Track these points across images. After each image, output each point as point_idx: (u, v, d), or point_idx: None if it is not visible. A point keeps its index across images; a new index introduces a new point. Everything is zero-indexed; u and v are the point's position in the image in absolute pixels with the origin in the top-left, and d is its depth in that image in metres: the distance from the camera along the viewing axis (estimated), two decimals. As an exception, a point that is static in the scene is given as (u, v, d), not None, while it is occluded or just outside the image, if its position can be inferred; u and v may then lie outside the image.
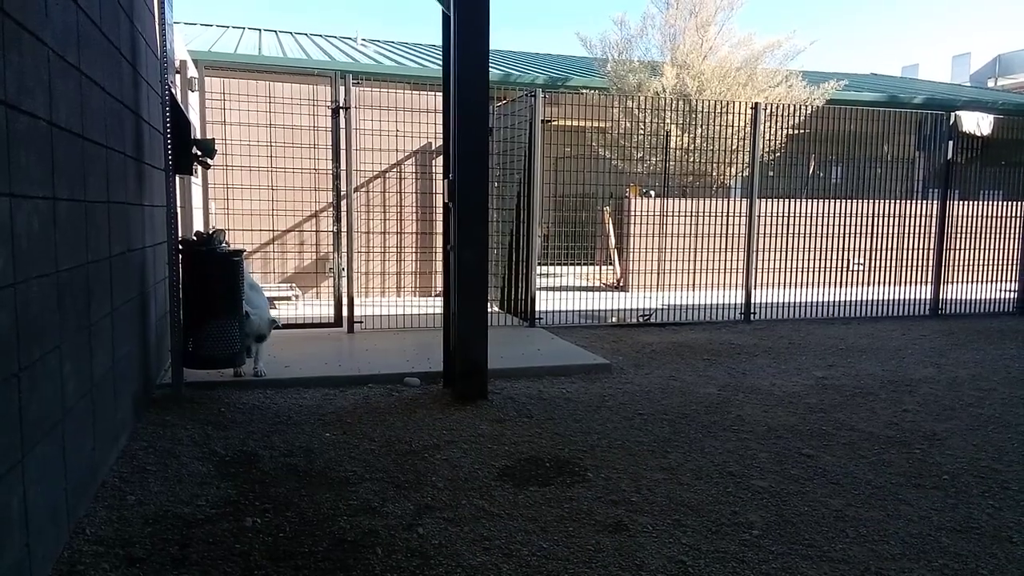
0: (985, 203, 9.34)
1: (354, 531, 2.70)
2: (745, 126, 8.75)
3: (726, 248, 8.85)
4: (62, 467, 2.46)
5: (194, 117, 6.65)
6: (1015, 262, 9.16)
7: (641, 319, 7.77)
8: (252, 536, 2.62)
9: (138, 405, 3.85)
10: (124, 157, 3.61)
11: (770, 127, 9.80)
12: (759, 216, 8.09)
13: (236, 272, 4.50)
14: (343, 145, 6.67)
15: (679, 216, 9.07)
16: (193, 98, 6.80)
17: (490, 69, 4.52)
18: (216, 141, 5.16)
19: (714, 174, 10.97)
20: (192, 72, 6.77)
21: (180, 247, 4.35)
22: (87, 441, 2.80)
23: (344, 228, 6.74)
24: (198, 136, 6.65)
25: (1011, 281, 9.20)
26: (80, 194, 2.78)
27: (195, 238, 4.66)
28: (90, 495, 2.82)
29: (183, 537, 2.59)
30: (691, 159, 10.80)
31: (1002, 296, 8.99)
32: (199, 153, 4.62)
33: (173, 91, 4.52)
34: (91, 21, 2.99)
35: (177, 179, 4.56)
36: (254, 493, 3.01)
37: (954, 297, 8.80)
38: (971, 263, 9.23)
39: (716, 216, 8.93)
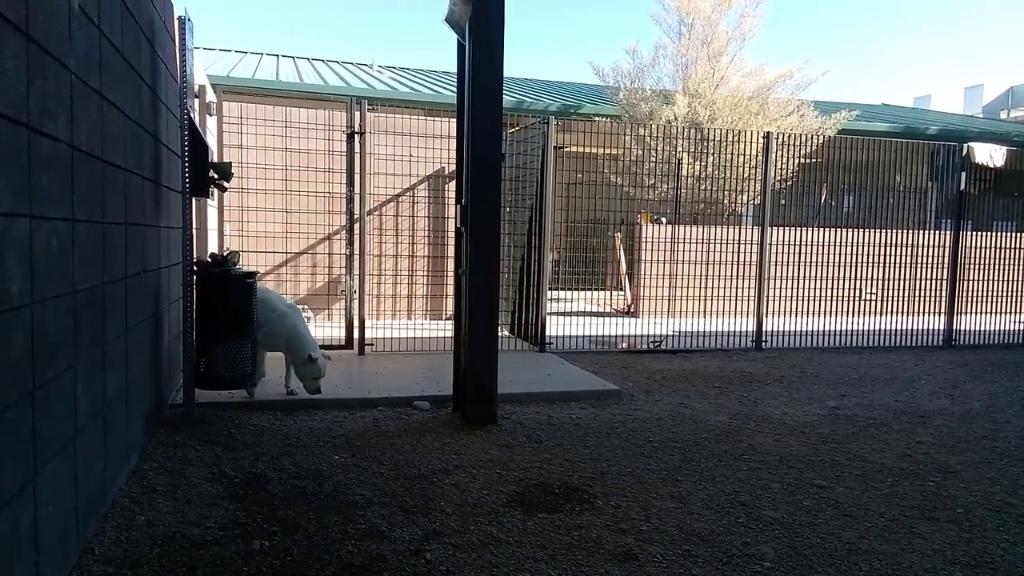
0: (998, 234, 9.29)
1: (361, 556, 2.68)
2: (756, 155, 8.78)
3: (737, 276, 8.84)
4: (73, 487, 2.47)
5: (211, 141, 6.74)
6: (1030, 293, 9.10)
7: (651, 345, 7.74)
8: (260, 559, 2.61)
9: (149, 425, 3.86)
10: (142, 179, 3.67)
11: (781, 156, 9.82)
12: (770, 244, 8.08)
13: (249, 294, 4.53)
14: (357, 169, 6.73)
15: (690, 243, 9.07)
16: (211, 122, 6.90)
17: (503, 96, 4.57)
18: (233, 164, 5.22)
19: (725, 202, 10.99)
20: (211, 96, 6.88)
21: (195, 268, 4.39)
22: (98, 461, 2.81)
23: (357, 251, 6.79)
24: (215, 159, 6.74)
25: (1026, 312, 9.13)
26: (98, 215, 2.82)
27: (209, 260, 4.70)
28: (100, 515, 2.82)
29: (191, 559, 2.59)
30: (702, 187, 10.83)
31: (1016, 328, 8.91)
32: (216, 176, 4.67)
33: (192, 115, 4.59)
34: (113, 47, 3.05)
35: (193, 201, 4.62)
36: (263, 515, 3.00)
37: (967, 328, 8.73)
38: (984, 294, 9.16)
39: (727, 244, 8.93)
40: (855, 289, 9.45)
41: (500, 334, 4.77)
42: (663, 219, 10.51)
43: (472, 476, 3.59)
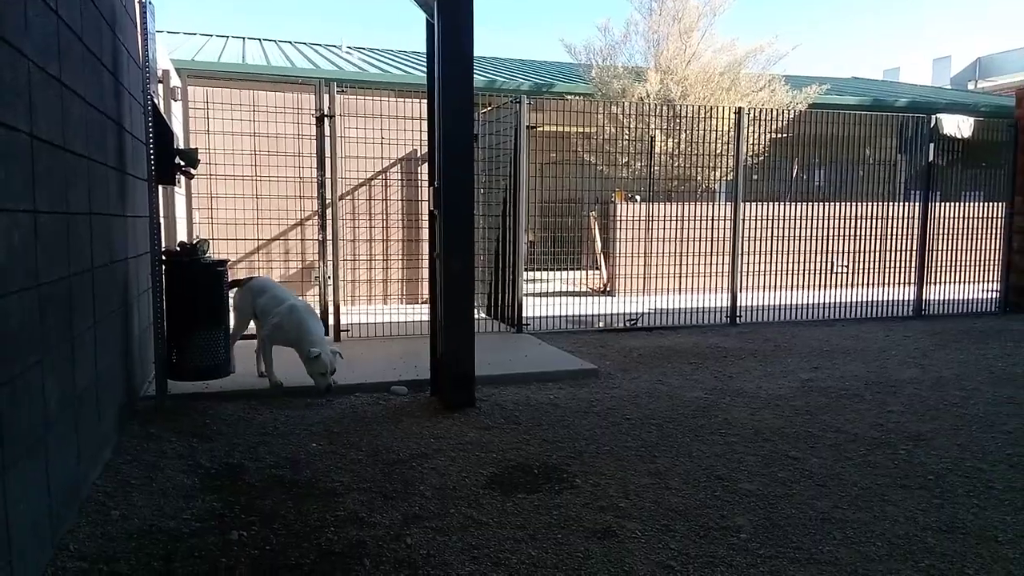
0: (966, 204, 9.43)
1: (341, 542, 2.68)
2: (729, 130, 8.81)
3: (711, 252, 8.89)
4: (45, 483, 2.44)
5: (177, 127, 6.61)
6: (996, 262, 9.25)
7: (628, 324, 7.78)
8: (238, 550, 2.60)
9: (122, 418, 3.81)
10: (106, 168, 3.59)
11: (753, 131, 9.86)
12: (744, 219, 8.13)
13: (220, 282, 4.48)
14: (328, 153, 6.65)
15: (664, 220, 9.10)
16: (176, 107, 6.77)
17: (475, 75, 4.53)
18: (199, 150, 5.13)
19: (699, 178, 11.03)
20: (175, 81, 6.74)
21: (163, 258, 4.33)
22: (70, 455, 2.77)
23: (329, 236, 6.72)
24: (181, 146, 6.62)
25: (993, 281, 9.30)
26: (61, 206, 2.75)
27: (178, 248, 4.63)
28: (73, 510, 2.79)
29: (168, 552, 2.56)
30: (676, 164, 10.85)
31: (984, 296, 9.09)
32: (182, 163, 4.59)
33: (156, 101, 4.49)
34: (72, 32, 2.97)
35: (160, 189, 4.54)
36: (240, 506, 2.98)
37: (937, 298, 8.88)
38: (953, 264, 9.32)
39: (701, 220, 8.96)
40: (827, 262, 9.55)
41: (477, 316, 4.76)
42: (637, 197, 10.52)
43: (451, 459, 3.60)
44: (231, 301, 4.86)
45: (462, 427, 4.13)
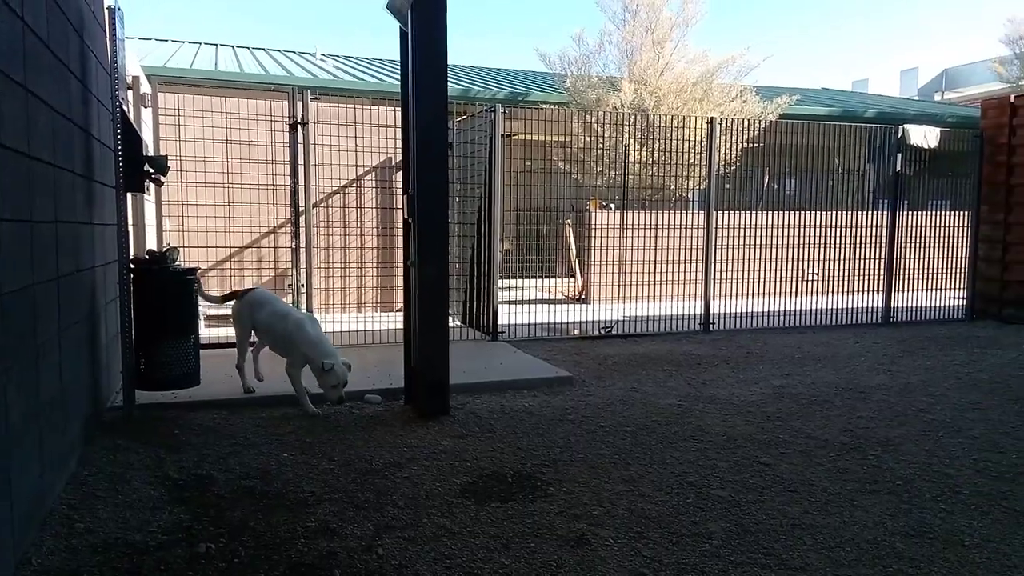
0: (933, 213, 9.61)
1: (312, 554, 2.65)
2: (701, 140, 8.90)
3: (685, 260, 8.96)
4: (7, 495, 2.38)
5: (147, 134, 6.53)
6: (963, 270, 9.43)
7: (603, 331, 7.81)
8: (206, 563, 2.56)
9: (88, 429, 3.74)
10: (73, 176, 3.53)
11: (725, 141, 9.97)
12: (716, 228, 8.22)
13: (190, 291, 4.42)
14: (301, 160, 6.61)
15: (639, 228, 9.16)
16: (146, 114, 6.69)
17: (449, 84, 4.54)
18: (170, 158, 5.08)
19: (672, 187, 11.12)
20: (145, 88, 6.66)
21: (131, 266, 4.26)
22: (34, 467, 2.71)
23: (303, 244, 6.67)
24: (151, 153, 6.53)
25: (959, 289, 9.47)
26: (26, 214, 2.70)
27: (147, 256, 4.56)
28: (37, 524, 2.73)
29: (133, 565, 2.52)
30: (650, 173, 10.94)
31: (951, 303, 9.25)
32: (151, 170, 4.54)
33: (124, 108, 4.44)
34: (38, 38, 2.92)
35: (129, 197, 4.47)
36: (208, 518, 2.94)
37: (905, 305, 9.03)
38: (921, 271, 9.48)
39: (675, 228, 9.04)
40: (799, 270, 9.68)
41: (452, 324, 4.76)
42: (612, 205, 10.59)
43: (425, 468, 3.58)
44: (230, 313, 4.77)
45: (436, 436, 4.11)
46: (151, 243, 6.53)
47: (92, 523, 2.83)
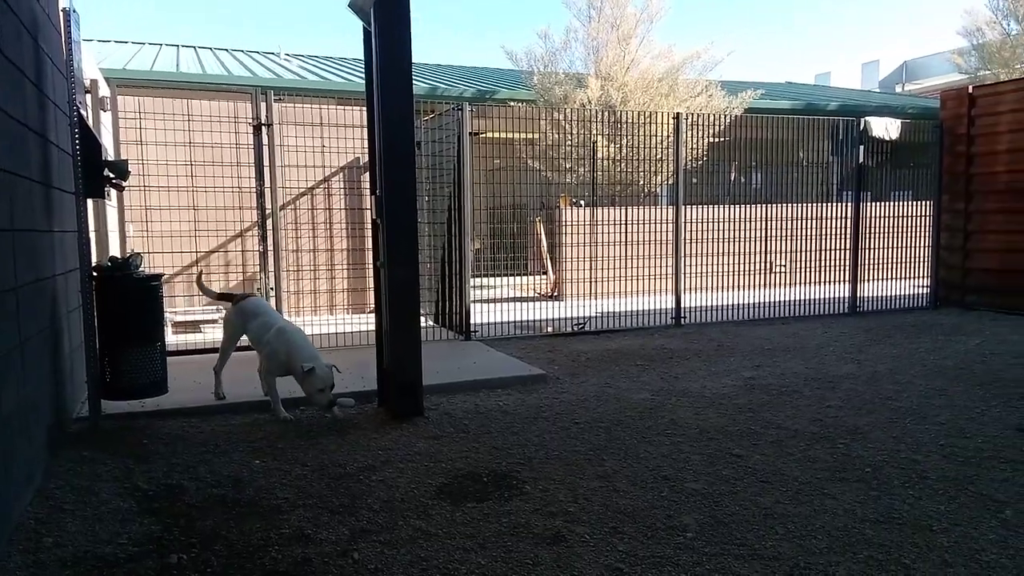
0: (896, 203, 9.78)
1: (286, 561, 2.62)
2: (668, 135, 8.96)
3: (656, 254, 9.03)
4: (-33, 513, 2.32)
5: (107, 138, 6.40)
6: (926, 259, 9.62)
7: (575, 328, 7.84)
8: (178, 573, 2.52)
9: (53, 441, 3.66)
10: (30, 182, 3.45)
11: (692, 136, 10.06)
12: (685, 222, 8.28)
13: (154, 297, 4.35)
14: (267, 162, 6.53)
15: (609, 224, 9.21)
16: (106, 118, 6.55)
17: (416, 83, 4.51)
18: (132, 162, 4.98)
19: (641, 183, 11.20)
20: (104, 91, 6.52)
21: (93, 273, 4.18)
22: (-5, 483, 2.64)
23: (271, 247, 6.60)
24: (111, 157, 6.40)
25: (923, 277, 9.66)
26: (-20, 223, 2.63)
27: (109, 263, 4.47)
28: (4, 539, 2.66)
29: (103, 579, 2.47)
30: (618, 168, 11.00)
31: (915, 292, 9.43)
32: (111, 175, 4.45)
33: (82, 112, 4.34)
34: (-12, 41, 2.85)
35: (90, 203, 4.38)
36: (179, 528, 2.89)
37: (871, 294, 9.18)
38: (885, 261, 9.64)
39: (644, 224, 9.09)
40: (767, 262, 9.79)
41: (424, 324, 4.73)
42: (582, 202, 10.62)
43: (399, 471, 3.56)
44: (222, 316, 4.64)
45: (410, 437, 4.09)
46: (114, 250, 6.40)
47: (60, 537, 2.77)
